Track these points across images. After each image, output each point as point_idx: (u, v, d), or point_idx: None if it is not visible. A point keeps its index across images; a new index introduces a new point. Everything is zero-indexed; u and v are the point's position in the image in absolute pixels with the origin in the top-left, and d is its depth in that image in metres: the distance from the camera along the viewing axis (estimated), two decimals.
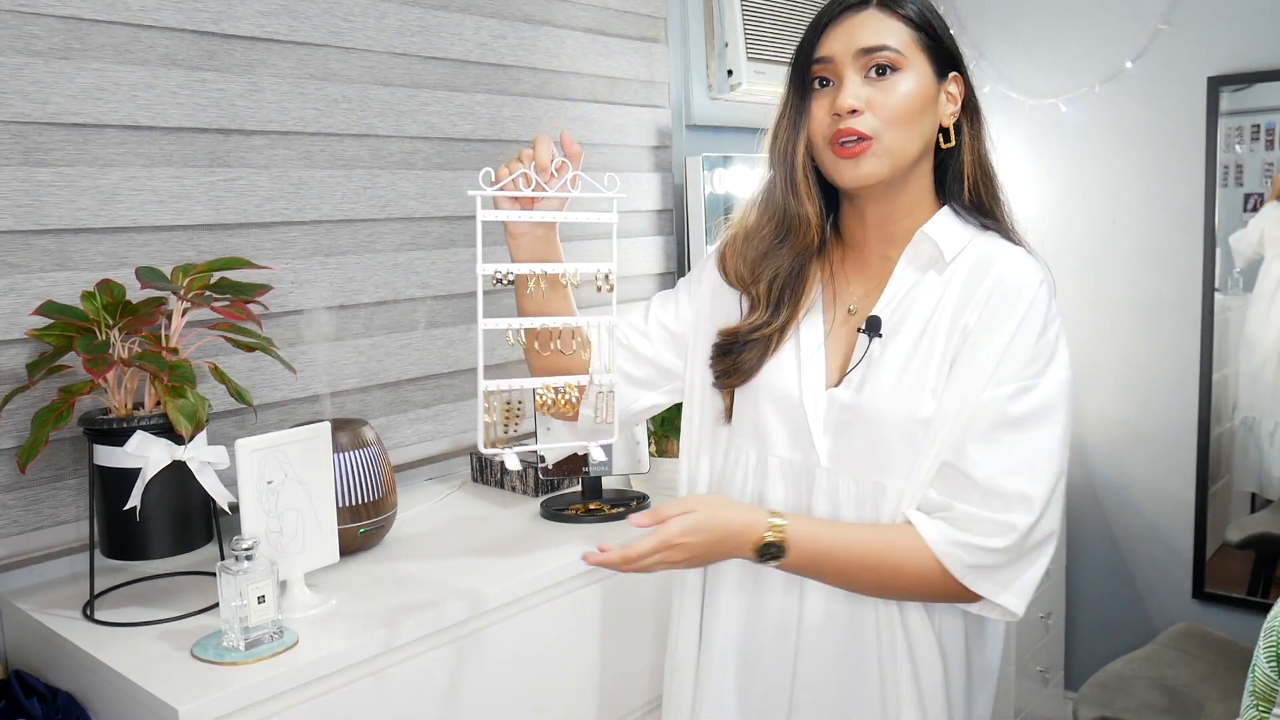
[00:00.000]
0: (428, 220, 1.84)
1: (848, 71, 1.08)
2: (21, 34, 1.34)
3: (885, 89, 1.07)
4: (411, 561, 1.45)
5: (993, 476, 1.04)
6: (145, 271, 1.34)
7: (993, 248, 1.12)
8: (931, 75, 1.09)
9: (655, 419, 1.76)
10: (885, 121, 1.07)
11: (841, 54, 1.08)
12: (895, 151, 1.08)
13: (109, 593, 1.35)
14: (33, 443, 1.24)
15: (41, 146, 1.37)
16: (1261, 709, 1.46)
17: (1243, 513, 2.63)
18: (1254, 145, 2.46)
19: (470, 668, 1.31)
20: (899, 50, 1.07)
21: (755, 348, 1.17)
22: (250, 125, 1.57)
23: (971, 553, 1.03)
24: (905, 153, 1.09)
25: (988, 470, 1.04)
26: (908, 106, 1.07)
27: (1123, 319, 2.68)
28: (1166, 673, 2.19)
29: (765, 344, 1.17)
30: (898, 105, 1.07)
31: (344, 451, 1.42)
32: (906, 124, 1.08)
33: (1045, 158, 2.76)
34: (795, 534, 1.05)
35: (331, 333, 1.71)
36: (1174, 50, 2.51)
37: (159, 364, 1.23)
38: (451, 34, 1.85)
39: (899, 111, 1.07)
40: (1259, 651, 1.47)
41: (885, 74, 1.07)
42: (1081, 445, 2.79)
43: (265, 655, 1.13)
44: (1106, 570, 2.79)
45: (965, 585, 1.04)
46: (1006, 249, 1.12)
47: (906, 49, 1.08)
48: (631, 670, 1.54)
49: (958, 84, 1.12)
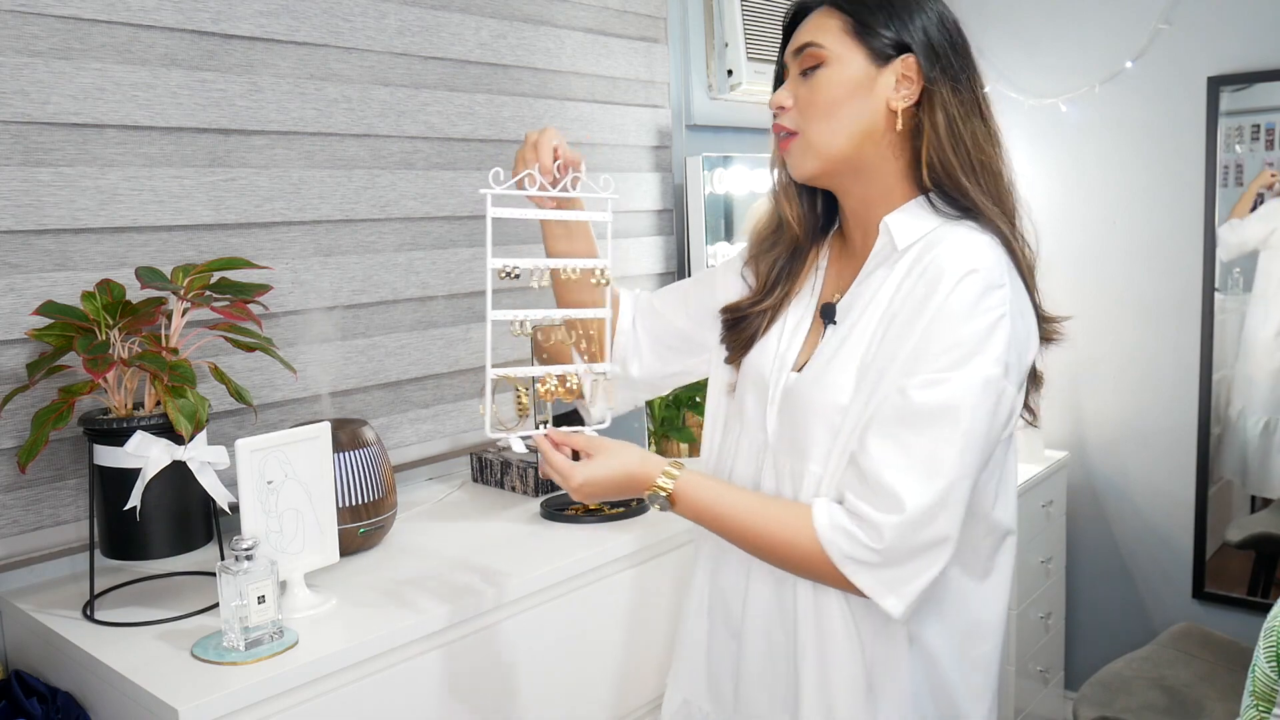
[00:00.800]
0: (428, 220, 1.84)
1: (791, 73, 1.12)
2: (22, 34, 1.34)
3: (810, 85, 1.10)
4: (411, 561, 1.45)
5: (879, 471, 1.02)
6: (145, 271, 1.34)
7: (945, 234, 1.06)
8: (865, 63, 1.07)
9: (655, 419, 1.76)
10: (805, 116, 1.10)
11: (789, 58, 1.13)
12: (819, 144, 1.10)
13: (109, 593, 1.35)
14: (33, 443, 1.24)
15: (42, 146, 1.37)
16: (1261, 709, 1.46)
17: (1243, 513, 2.63)
18: (1254, 145, 2.46)
19: (471, 667, 1.31)
20: (821, 45, 1.09)
21: (749, 325, 1.21)
22: (250, 125, 1.57)
23: (850, 543, 1.02)
24: (832, 144, 1.09)
25: (876, 463, 1.02)
26: (826, 99, 1.08)
27: (1123, 319, 2.68)
28: (1166, 673, 2.19)
29: (756, 322, 1.20)
30: (816, 99, 1.09)
31: (344, 451, 1.42)
32: (827, 116, 1.08)
33: (1045, 158, 2.76)
34: (684, 487, 1.10)
35: (331, 333, 1.71)
36: (1174, 50, 2.51)
37: (159, 364, 1.23)
38: (451, 34, 1.85)
39: (817, 105, 1.09)
40: (1259, 651, 1.47)
41: (813, 71, 1.09)
42: (1081, 445, 2.79)
43: (265, 655, 1.13)
44: (1106, 570, 2.79)
45: (844, 574, 1.03)
46: (956, 235, 1.06)
47: (833, 42, 1.08)
48: (635, 669, 1.54)
49: (910, 64, 1.07)
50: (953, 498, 1.01)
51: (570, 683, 1.45)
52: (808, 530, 1.04)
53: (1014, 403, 1.06)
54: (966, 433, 1.00)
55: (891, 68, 1.07)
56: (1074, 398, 2.78)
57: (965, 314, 1.00)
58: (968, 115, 1.08)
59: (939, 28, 1.09)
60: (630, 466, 1.11)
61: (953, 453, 1.00)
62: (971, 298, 1.01)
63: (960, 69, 1.09)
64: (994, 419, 1.02)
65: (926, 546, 1.01)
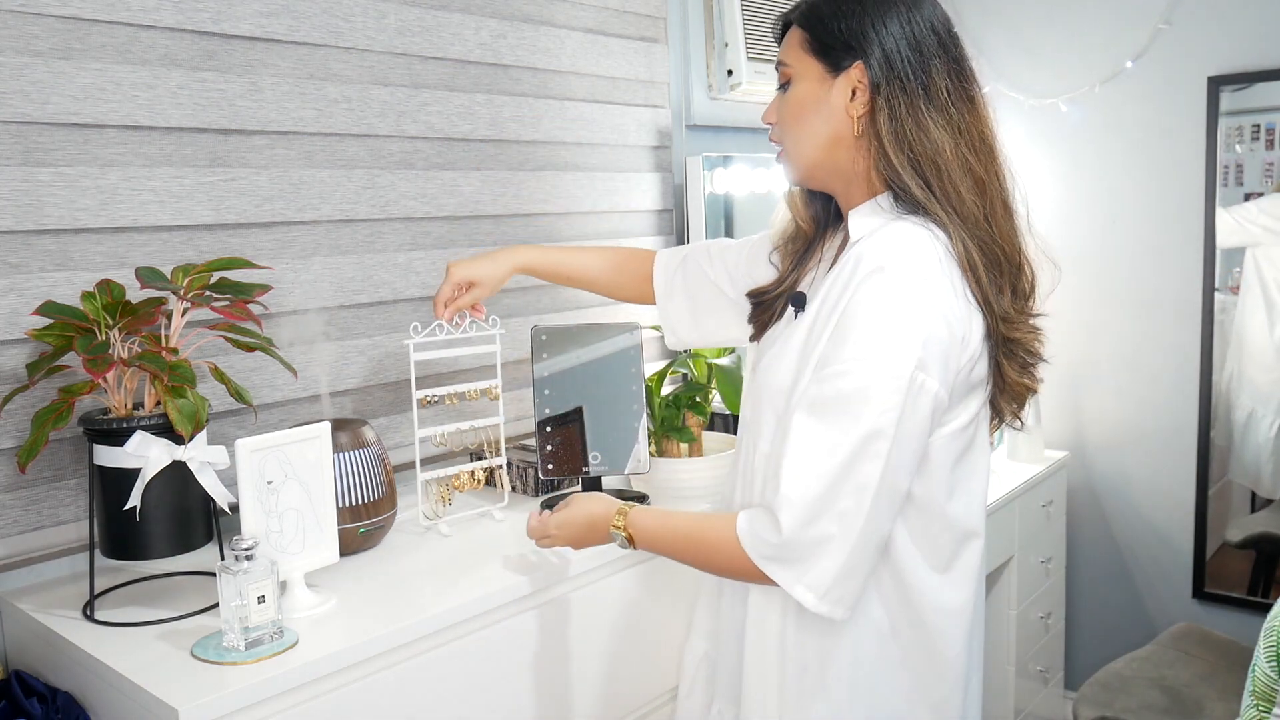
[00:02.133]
0: (428, 220, 1.84)
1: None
2: (22, 34, 1.34)
3: (783, 100, 1.18)
4: (411, 561, 1.45)
5: (781, 460, 1.07)
6: (145, 271, 1.34)
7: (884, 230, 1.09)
8: (821, 73, 1.13)
9: (656, 419, 1.76)
10: (783, 129, 1.19)
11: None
12: (793, 154, 1.18)
13: (109, 593, 1.35)
14: (33, 443, 1.24)
15: (42, 146, 1.37)
16: (1261, 709, 1.46)
17: (1243, 513, 2.63)
18: (1254, 145, 2.46)
19: (471, 667, 1.31)
20: (787, 62, 1.17)
21: (768, 309, 1.27)
22: (250, 125, 1.57)
23: (759, 541, 1.08)
24: (802, 153, 1.17)
25: (778, 457, 1.08)
26: (790, 112, 1.17)
27: (1123, 319, 2.68)
28: (1166, 672, 2.19)
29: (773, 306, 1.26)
30: (784, 112, 1.18)
31: (344, 451, 1.42)
32: (794, 127, 1.17)
33: (1045, 158, 2.76)
34: (635, 525, 1.21)
35: (332, 332, 1.71)
36: (1174, 50, 2.51)
37: (159, 364, 1.23)
38: (451, 34, 1.85)
39: (784, 118, 1.18)
40: (1259, 651, 1.47)
41: (786, 87, 1.18)
42: (1081, 445, 2.79)
43: (265, 655, 1.13)
44: (1106, 570, 2.79)
45: (763, 571, 1.08)
46: (888, 231, 1.08)
47: (795, 58, 1.16)
48: (635, 669, 1.54)
49: (859, 71, 1.10)
50: (845, 489, 1.03)
51: (570, 683, 1.45)
52: (732, 536, 1.09)
53: (937, 398, 1.05)
54: (871, 425, 1.02)
55: (846, 76, 1.11)
56: (1074, 398, 2.78)
57: (869, 310, 1.04)
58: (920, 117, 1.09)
59: (900, 34, 1.10)
60: (592, 513, 1.25)
61: (848, 444, 1.03)
62: (876, 294, 1.04)
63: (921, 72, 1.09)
64: (909, 413, 1.03)
65: (814, 544, 1.05)
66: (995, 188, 1.12)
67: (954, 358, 1.06)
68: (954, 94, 1.11)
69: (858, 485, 1.03)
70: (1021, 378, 1.13)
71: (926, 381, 1.03)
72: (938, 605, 1.15)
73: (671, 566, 1.24)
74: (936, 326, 1.04)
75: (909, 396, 1.03)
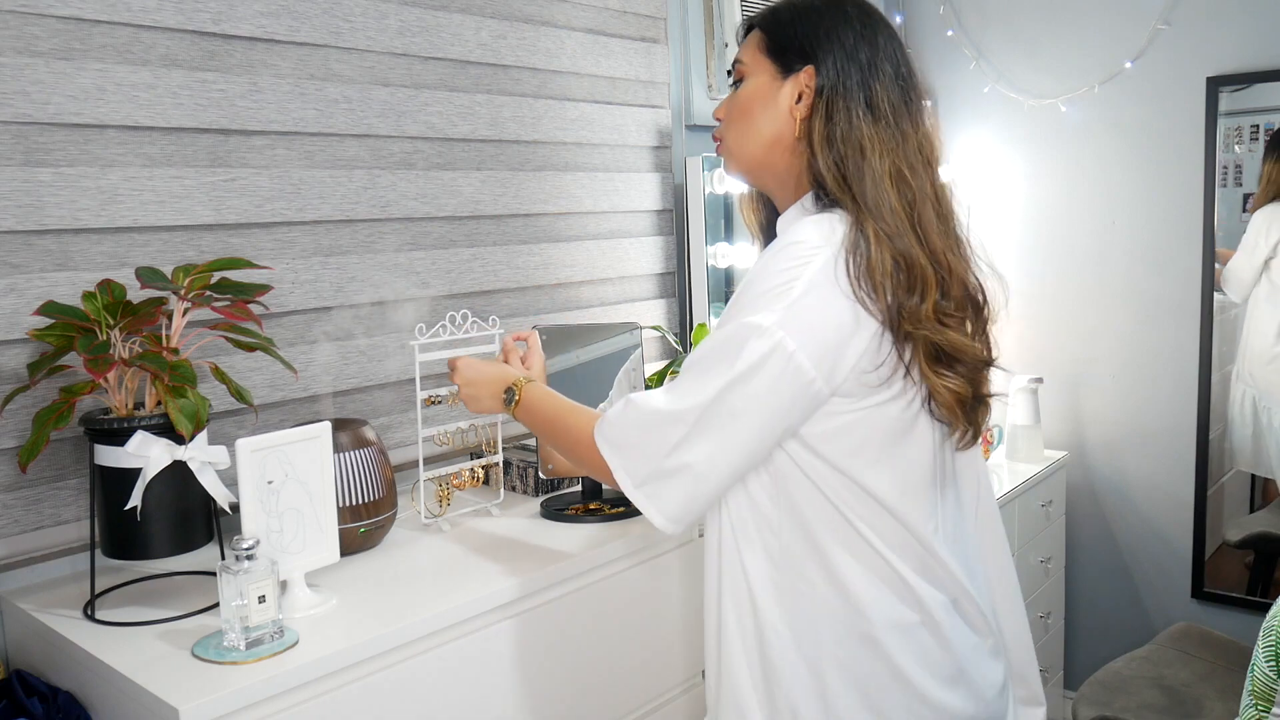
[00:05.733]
0: (428, 220, 1.85)
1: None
2: (23, 34, 1.34)
3: (733, 97, 1.21)
4: (412, 561, 1.46)
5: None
6: (146, 271, 1.34)
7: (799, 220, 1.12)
8: (774, 74, 1.16)
9: None
10: (727, 124, 1.21)
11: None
12: (734, 149, 1.20)
13: (110, 592, 1.35)
14: (34, 442, 1.24)
15: (42, 147, 1.37)
16: (1261, 708, 1.46)
17: (1242, 512, 2.64)
18: (1253, 145, 2.46)
19: (471, 667, 1.32)
20: (742, 60, 1.19)
21: None
22: (251, 125, 1.58)
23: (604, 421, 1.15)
24: (744, 149, 1.19)
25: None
26: (739, 108, 1.19)
27: (1123, 319, 2.68)
28: (1166, 672, 2.20)
29: None
30: (731, 108, 1.20)
31: (344, 451, 1.43)
32: (739, 123, 1.18)
33: (1045, 158, 2.76)
34: (528, 392, 1.32)
35: (332, 332, 1.71)
36: (1173, 50, 2.51)
37: (160, 364, 1.24)
38: (451, 34, 1.85)
39: (731, 114, 1.20)
40: (1258, 651, 1.47)
41: (738, 85, 1.20)
42: (1081, 445, 2.79)
43: (265, 655, 1.13)
44: (1106, 570, 2.80)
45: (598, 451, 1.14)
46: (807, 219, 1.10)
47: (750, 57, 1.19)
48: (634, 669, 1.55)
49: (808, 75, 1.13)
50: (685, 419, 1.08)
51: (570, 682, 1.45)
52: (591, 421, 1.18)
53: (798, 363, 1.04)
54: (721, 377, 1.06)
55: (794, 80, 1.15)
56: (1074, 398, 2.79)
57: (772, 271, 1.07)
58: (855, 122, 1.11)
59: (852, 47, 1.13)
60: (502, 369, 1.37)
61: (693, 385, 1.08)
62: (782, 258, 1.07)
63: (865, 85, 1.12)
64: (762, 372, 1.05)
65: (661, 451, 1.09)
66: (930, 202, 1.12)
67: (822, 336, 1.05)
68: (897, 110, 1.13)
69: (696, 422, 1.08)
70: (941, 380, 1.09)
71: (785, 342, 1.04)
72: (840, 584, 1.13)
73: (673, 564, 1.25)
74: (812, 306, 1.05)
75: (768, 354, 1.04)
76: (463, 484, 1.63)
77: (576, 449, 1.20)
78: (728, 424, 1.07)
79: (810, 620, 1.12)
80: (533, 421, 1.31)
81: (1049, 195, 2.75)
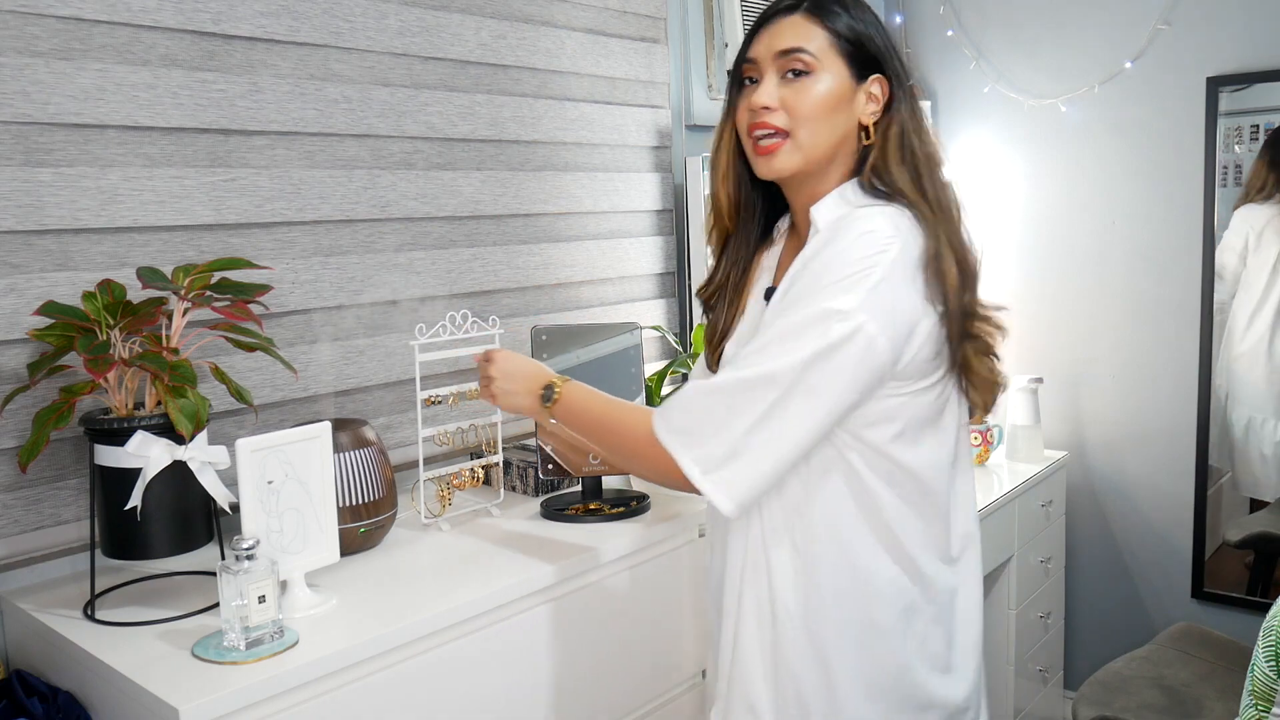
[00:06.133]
0: (428, 220, 1.85)
1: (768, 71, 1.18)
2: (23, 34, 1.34)
3: (798, 89, 1.17)
4: (412, 560, 1.46)
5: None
6: (146, 271, 1.34)
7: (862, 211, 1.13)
8: (848, 78, 1.17)
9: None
10: (799, 119, 1.17)
11: (763, 55, 1.18)
12: (808, 146, 1.18)
13: (110, 592, 1.35)
14: (34, 442, 1.24)
15: (43, 147, 1.37)
16: (1260, 708, 1.46)
17: (1242, 512, 2.64)
18: (1253, 145, 2.46)
19: (471, 667, 1.32)
20: (813, 55, 1.17)
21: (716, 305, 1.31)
22: (251, 126, 1.58)
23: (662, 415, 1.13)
24: (818, 147, 1.18)
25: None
26: (820, 105, 1.17)
27: (1123, 319, 2.68)
28: (1166, 672, 2.20)
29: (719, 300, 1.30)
30: (810, 104, 1.17)
31: (344, 451, 1.43)
32: (818, 121, 1.17)
33: (1045, 158, 2.76)
34: (568, 390, 1.28)
35: (332, 332, 1.71)
36: (1173, 50, 2.51)
37: (160, 364, 1.24)
38: (451, 34, 1.85)
39: (811, 110, 1.17)
40: (1258, 651, 1.47)
41: (799, 76, 1.17)
42: (1081, 445, 2.79)
43: (265, 655, 1.13)
44: (1106, 570, 2.80)
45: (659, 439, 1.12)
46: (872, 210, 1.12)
47: (822, 53, 1.17)
48: (634, 669, 1.55)
49: (880, 85, 1.18)
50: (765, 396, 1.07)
51: (570, 682, 1.45)
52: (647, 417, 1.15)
53: (877, 347, 1.07)
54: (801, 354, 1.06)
55: (865, 86, 1.18)
56: (1074, 397, 2.78)
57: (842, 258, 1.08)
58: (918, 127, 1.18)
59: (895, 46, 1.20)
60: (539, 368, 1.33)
61: (770, 363, 1.08)
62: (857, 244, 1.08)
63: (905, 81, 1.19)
64: (842, 352, 1.06)
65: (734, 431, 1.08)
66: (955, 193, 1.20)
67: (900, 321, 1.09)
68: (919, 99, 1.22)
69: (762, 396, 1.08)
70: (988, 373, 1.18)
71: (866, 325, 1.06)
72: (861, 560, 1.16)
73: (672, 565, 1.25)
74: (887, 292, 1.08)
75: (848, 337, 1.06)
76: (463, 484, 1.64)
77: (628, 444, 1.19)
78: (804, 402, 1.08)
79: (821, 605, 1.15)
80: (577, 420, 1.27)
81: (1049, 195, 2.75)
